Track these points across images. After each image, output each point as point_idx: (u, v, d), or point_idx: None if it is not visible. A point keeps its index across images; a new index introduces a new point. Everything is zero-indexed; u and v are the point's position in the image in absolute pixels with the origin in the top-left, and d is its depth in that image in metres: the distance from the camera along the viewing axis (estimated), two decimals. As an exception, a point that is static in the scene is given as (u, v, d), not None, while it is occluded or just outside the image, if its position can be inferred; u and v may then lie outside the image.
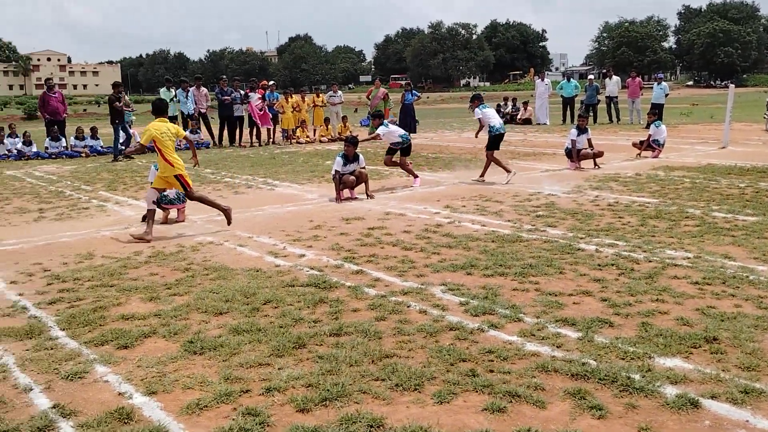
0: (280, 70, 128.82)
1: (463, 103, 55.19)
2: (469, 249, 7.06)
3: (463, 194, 10.66)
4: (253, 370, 4.19)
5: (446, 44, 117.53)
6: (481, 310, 5.11)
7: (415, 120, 23.21)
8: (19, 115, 44.95)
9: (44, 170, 15.52)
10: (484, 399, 3.73)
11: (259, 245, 7.56)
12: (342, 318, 5.07)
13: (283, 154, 17.71)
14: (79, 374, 4.18)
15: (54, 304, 5.61)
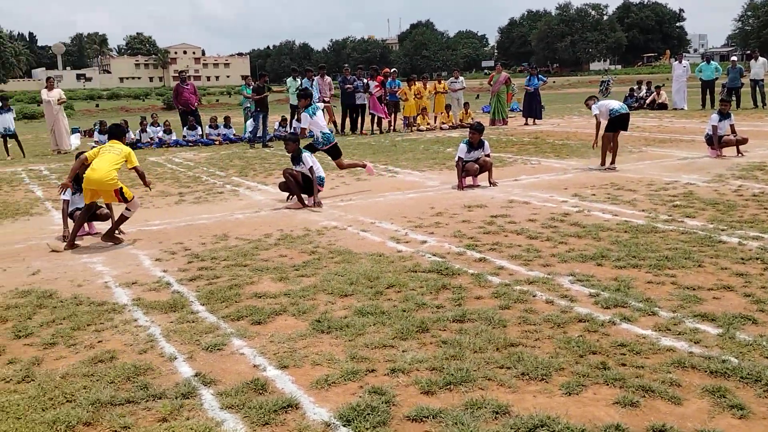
0: (401, 57, 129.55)
1: (592, 87, 53.24)
2: (600, 239, 6.82)
3: (593, 182, 10.30)
4: (378, 351, 4.27)
5: (575, 26, 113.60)
6: (613, 303, 4.93)
7: (541, 105, 22.65)
8: (159, 105, 47.97)
9: (183, 157, 16.50)
10: (615, 392, 3.60)
11: (381, 231, 7.68)
12: (465, 305, 5.06)
13: (403, 142, 17.84)
14: (218, 346, 4.43)
15: (194, 281, 5.97)
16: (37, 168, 15.09)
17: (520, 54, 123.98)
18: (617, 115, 11.38)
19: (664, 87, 27.84)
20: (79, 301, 5.51)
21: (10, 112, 17.91)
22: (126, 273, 6.33)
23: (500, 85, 21.56)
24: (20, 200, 10.76)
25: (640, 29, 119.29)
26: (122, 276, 6.23)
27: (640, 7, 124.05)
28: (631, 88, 28.29)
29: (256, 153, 16.70)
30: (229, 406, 3.61)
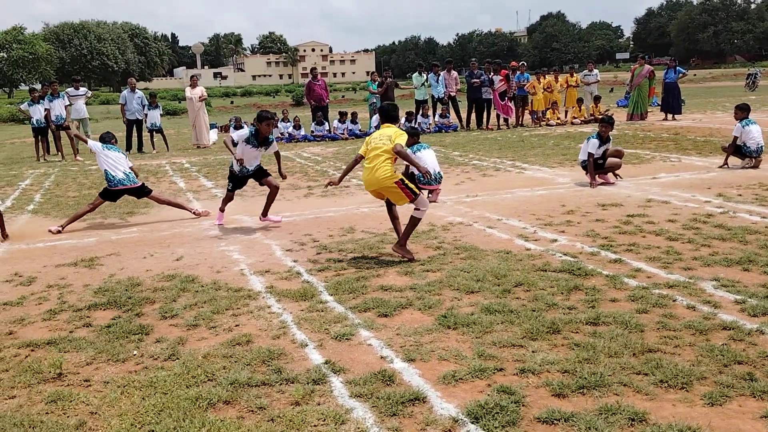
0: (530, 50, 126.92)
1: (737, 80, 49.77)
2: (747, 243, 6.35)
3: (739, 182, 9.61)
4: (506, 349, 4.20)
5: (718, 15, 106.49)
6: (761, 311, 4.58)
7: (681, 100, 21.40)
8: (289, 101, 49.74)
9: (310, 151, 17.02)
10: (763, 406, 3.35)
11: (508, 228, 7.55)
12: (599, 307, 4.87)
13: (532, 137, 17.46)
14: (346, 336, 4.53)
15: (323, 272, 6.14)
16: (179, 161, 16.08)
17: (657, 45, 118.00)
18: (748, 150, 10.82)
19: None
20: (218, 286, 5.82)
21: (158, 109, 19.21)
22: (260, 261, 6.61)
23: (642, 78, 20.52)
24: (165, 191, 11.50)
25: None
26: (256, 264, 6.51)
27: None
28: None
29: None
30: (357, 394, 3.68)
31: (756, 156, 10.77)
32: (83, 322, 5.11)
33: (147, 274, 6.35)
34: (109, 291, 5.84)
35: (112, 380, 4.04)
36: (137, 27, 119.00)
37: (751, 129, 10.78)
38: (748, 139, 10.77)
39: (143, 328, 4.87)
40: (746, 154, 10.83)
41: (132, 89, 18.53)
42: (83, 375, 4.15)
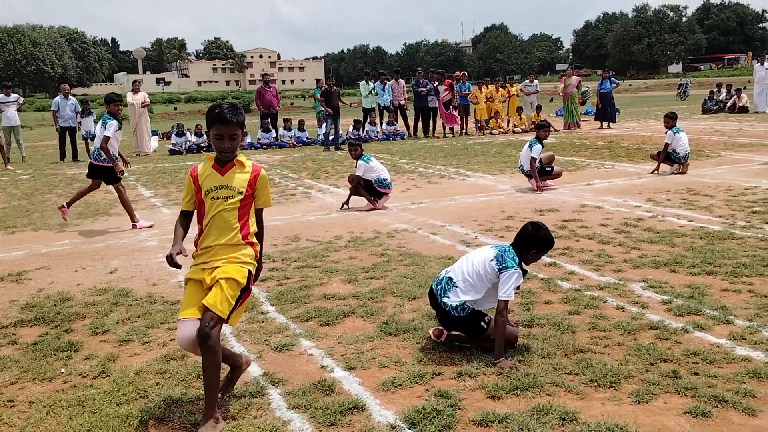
0: (475, 60, 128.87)
1: (670, 90, 51.59)
2: (674, 245, 6.62)
3: (668, 187, 10.00)
4: (445, 354, 4.28)
5: (652, 28, 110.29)
6: (686, 310, 4.79)
7: (615, 109, 22.11)
8: (235, 108, 49.19)
9: (257, 159, 16.89)
10: (686, 402, 3.51)
11: (451, 234, 7.67)
12: (534, 309, 5.01)
13: (475, 145, 17.75)
14: (286, 346, 4.53)
15: (265, 282, 6.11)
16: (120, 170, 15.72)
17: (595, 57, 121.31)
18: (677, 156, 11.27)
19: (746, 90, 26.75)
20: (154, 299, 5.73)
21: (91, 116, 18.70)
22: (201, 272, 6.53)
23: (573, 89, 21.23)
24: (100, 201, 11.26)
25: (721, 30, 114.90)
26: (197, 275, 6.43)
27: (721, 8, 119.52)
28: (710, 91, 27.27)
29: (329, 156, 16.95)
30: (296, 406, 3.69)
31: (684, 162, 11.22)
32: (8, 339, 4.94)
33: (78, 289, 6.20)
34: (37, 306, 5.68)
35: (37, 400, 3.92)
36: (75, 31, 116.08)
37: (680, 136, 11.24)
38: (677, 146, 11.21)
39: (72, 345, 4.74)
40: (675, 161, 11.26)
41: (65, 95, 18.09)
42: (7, 395, 4.01)
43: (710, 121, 21.70)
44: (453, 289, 4.26)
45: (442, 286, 4.37)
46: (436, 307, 4.43)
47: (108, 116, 8.71)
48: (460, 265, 4.35)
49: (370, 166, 9.46)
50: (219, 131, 3.60)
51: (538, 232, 4.24)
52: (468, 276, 4.25)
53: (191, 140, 19.89)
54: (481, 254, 4.32)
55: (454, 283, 4.28)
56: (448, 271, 4.43)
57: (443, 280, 4.39)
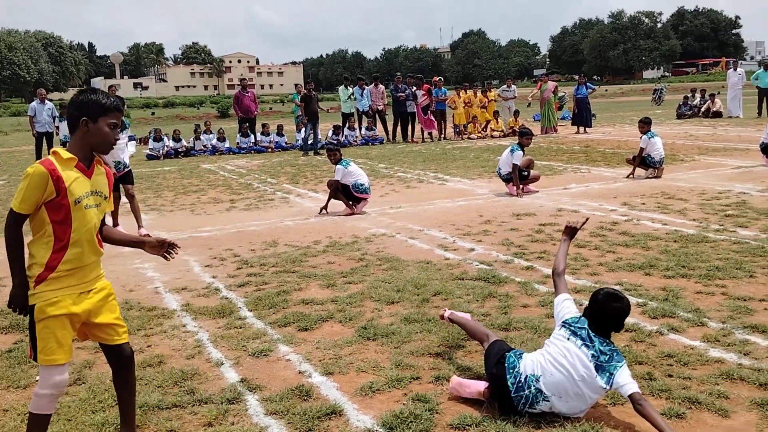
0: (453, 65, 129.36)
1: (645, 96, 52.23)
2: (649, 248, 6.71)
3: (643, 191, 10.12)
4: (423, 358, 4.30)
5: (627, 34, 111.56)
6: (661, 313, 4.85)
7: (592, 114, 22.36)
8: (213, 113, 48.94)
9: (235, 164, 16.83)
10: (661, 403, 3.55)
11: (429, 238, 7.70)
12: (511, 313, 5.04)
13: (454, 150, 17.83)
14: (264, 352, 4.52)
15: (243, 287, 6.10)
16: (96, 175, 15.57)
17: (571, 62, 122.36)
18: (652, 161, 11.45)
19: (719, 95, 27.18)
20: (130, 306, 5.68)
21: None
22: (176, 279, 6.50)
23: (549, 94, 21.44)
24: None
25: (695, 37, 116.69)
26: (172, 282, 6.40)
27: (695, 15, 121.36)
28: (685, 96, 27.65)
29: (308, 160, 16.93)
30: (273, 412, 3.68)
31: (659, 166, 11.37)
32: (-17, 346, 4.88)
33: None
34: (12, 314, 5.55)
35: (12, 408, 3.89)
36: (52, 36, 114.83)
37: (655, 141, 11.39)
38: (652, 151, 11.36)
39: (47, 352, 4.69)
40: (650, 165, 11.41)
41: (42, 100, 17.91)
42: (-18, 403, 3.95)
43: (685, 125, 22.01)
44: (543, 403, 3.44)
45: (525, 395, 3.46)
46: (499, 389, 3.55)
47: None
48: (553, 379, 3.42)
49: (349, 171, 9.47)
50: (116, 119, 3.09)
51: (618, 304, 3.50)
52: (570, 394, 3.41)
53: (169, 145, 19.76)
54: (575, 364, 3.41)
55: (545, 396, 3.43)
56: (535, 376, 3.46)
57: (528, 386, 3.46)
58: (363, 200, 9.56)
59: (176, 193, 12.16)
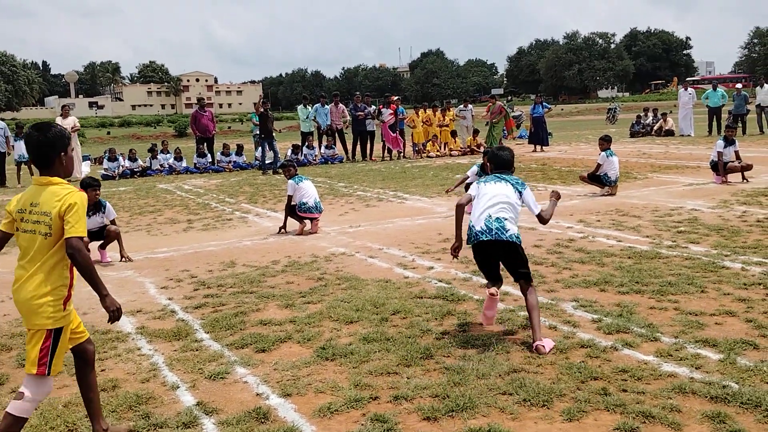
0: (412, 85, 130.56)
1: (600, 114, 53.43)
2: (604, 265, 6.83)
3: (599, 209, 10.32)
4: (382, 378, 4.28)
5: (582, 54, 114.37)
6: (615, 328, 4.93)
7: (548, 132, 22.78)
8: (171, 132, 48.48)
9: (192, 184, 16.65)
10: (615, 419, 3.60)
11: (389, 257, 7.71)
12: (470, 331, 5.07)
13: (413, 168, 17.94)
14: (221, 374, 4.45)
15: (199, 309, 6.01)
16: (49, 196, 15.23)
17: (528, 82, 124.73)
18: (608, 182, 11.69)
19: (671, 114, 27.97)
20: (85, 328, 5.54)
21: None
22: (131, 301, 6.37)
23: (495, 116, 21.83)
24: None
25: (648, 57, 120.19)
26: (127, 304, 6.25)
27: (647, 36, 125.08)
28: (638, 115, 28.39)
29: (266, 180, 16.83)
30: (230, 434, 3.62)
31: (614, 184, 11.62)
32: (-69, 373, 4.72)
33: (4, 319, 5.98)
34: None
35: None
36: (4, 54, 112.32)
37: (613, 160, 11.64)
38: (609, 170, 11.61)
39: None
40: (606, 183, 11.65)
41: (-6, 120, 17.49)
42: (-71, 431, 3.83)
43: (638, 144, 22.55)
44: (505, 223, 4.92)
45: (496, 228, 4.90)
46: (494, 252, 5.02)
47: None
48: (497, 205, 4.99)
49: (299, 187, 9.44)
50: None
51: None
52: (511, 211, 4.98)
53: (124, 165, 19.47)
54: (499, 191, 5.04)
55: (504, 219, 4.93)
56: (490, 215, 4.96)
57: (493, 223, 4.92)
58: (314, 219, 9.50)
59: (132, 214, 11.96)
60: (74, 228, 3.25)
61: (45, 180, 3.37)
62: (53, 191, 3.34)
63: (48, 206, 3.30)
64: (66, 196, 3.30)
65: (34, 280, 3.31)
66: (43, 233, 3.30)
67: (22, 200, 3.42)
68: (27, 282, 3.31)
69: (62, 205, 3.28)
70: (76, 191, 3.36)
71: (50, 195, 3.33)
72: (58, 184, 3.37)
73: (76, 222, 3.26)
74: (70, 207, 3.27)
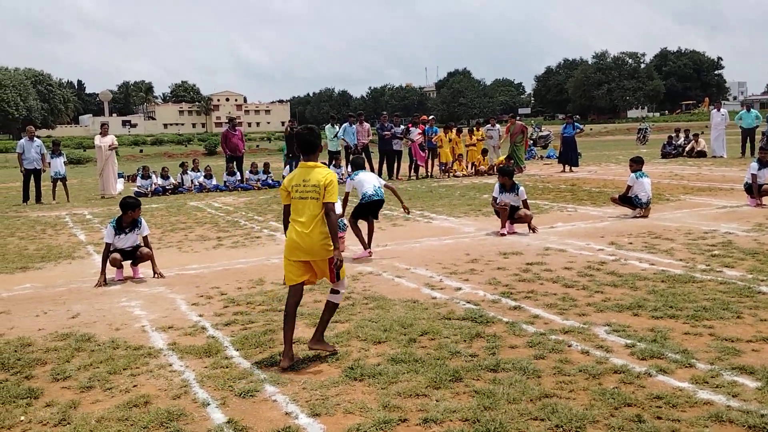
0: (438, 104, 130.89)
1: (629, 135, 52.95)
2: (636, 288, 6.73)
3: (630, 231, 10.18)
4: (410, 400, 4.25)
5: (612, 74, 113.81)
6: (649, 354, 4.84)
7: (578, 153, 22.62)
8: (201, 150, 49.08)
9: (222, 201, 16.81)
10: (651, 447, 3.53)
11: (416, 277, 7.69)
12: (499, 354, 5.02)
13: (440, 188, 17.92)
14: (251, 392, 4.46)
15: (229, 326, 6.04)
16: (81, 212, 15.51)
17: (556, 101, 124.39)
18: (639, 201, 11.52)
19: (703, 135, 27.61)
20: (116, 345, 5.61)
21: (62, 157, 18.69)
22: (163, 317, 6.43)
23: (516, 135, 21.76)
24: (63, 244, 11.04)
25: (678, 77, 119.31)
26: (159, 320, 6.33)
27: (678, 55, 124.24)
28: (669, 135, 28.06)
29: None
30: (260, 452, 3.62)
31: (646, 206, 11.48)
32: (-33, 386, 4.80)
33: (39, 334, 6.05)
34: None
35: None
36: (41, 73, 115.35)
37: (643, 181, 11.50)
38: (640, 191, 11.47)
39: (32, 392, 4.62)
40: (637, 205, 11.51)
41: (30, 137, 17.89)
42: (-35, 443, 3.89)
43: (670, 165, 22.28)
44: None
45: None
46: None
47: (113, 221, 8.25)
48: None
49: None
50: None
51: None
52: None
53: (157, 183, 19.74)
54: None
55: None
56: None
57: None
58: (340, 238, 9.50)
59: (164, 231, 12.11)
60: (330, 197, 4.93)
61: (311, 164, 5.07)
62: (318, 171, 5.02)
63: (315, 180, 4.96)
64: (327, 175, 5.00)
65: (314, 230, 4.94)
66: (314, 198, 4.94)
67: (294, 179, 5.08)
68: (311, 232, 4.94)
69: (325, 181, 4.95)
70: (332, 173, 5.07)
71: (316, 173, 5.00)
72: (320, 167, 5.07)
73: (332, 193, 4.94)
74: (330, 182, 4.96)
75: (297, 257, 5.02)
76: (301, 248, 4.98)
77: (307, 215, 4.94)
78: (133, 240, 8.26)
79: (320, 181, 4.94)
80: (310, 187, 4.96)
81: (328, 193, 4.92)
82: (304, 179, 5.00)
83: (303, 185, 4.99)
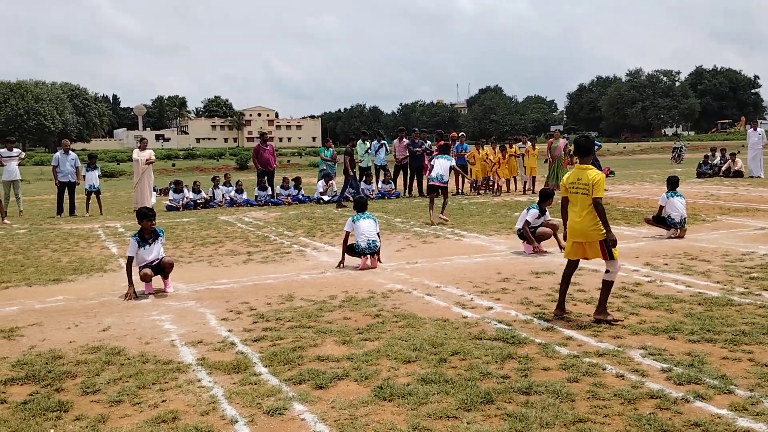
0: (470, 121, 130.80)
1: (663, 153, 52.25)
2: (673, 311, 6.57)
3: (665, 251, 9.98)
4: (441, 421, 4.18)
5: (646, 92, 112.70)
6: (686, 379, 4.71)
7: (610, 171, 22.30)
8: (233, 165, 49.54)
9: (252, 216, 16.91)
10: (690, 478, 3.40)
11: (446, 295, 7.62)
12: (531, 376, 4.92)
13: (471, 205, 17.81)
14: (279, 410, 4.43)
15: (258, 342, 6.03)
16: (114, 225, 15.71)
17: (589, 119, 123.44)
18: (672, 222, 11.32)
19: (740, 154, 27.11)
20: (146, 359, 5.62)
21: (97, 170, 18.99)
22: (192, 332, 6.45)
23: (560, 152, 21.43)
24: (95, 256, 11.18)
25: (714, 95, 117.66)
26: (188, 335, 6.35)
27: (714, 74, 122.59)
28: (705, 155, 27.61)
29: (324, 213, 16.97)
30: (288, 472, 3.58)
31: (680, 227, 11.25)
32: (-2, 398, 4.84)
33: (70, 346, 6.10)
34: (28, 364, 5.57)
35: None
36: (77, 87, 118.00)
37: (674, 201, 11.29)
38: (672, 211, 11.26)
39: (62, 405, 4.64)
40: (671, 225, 11.29)
41: (65, 151, 18.22)
42: (-4, 455, 3.92)
43: (705, 185, 21.90)
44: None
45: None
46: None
47: (136, 235, 8.45)
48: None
49: (355, 225, 9.55)
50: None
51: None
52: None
53: (189, 197, 19.95)
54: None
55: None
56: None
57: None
58: (364, 256, 9.51)
59: (194, 245, 12.20)
60: (597, 193, 6.16)
61: (585, 167, 6.34)
62: (589, 172, 6.26)
63: (587, 180, 6.23)
64: (595, 176, 6.23)
65: (586, 218, 6.24)
66: (585, 193, 6.22)
67: (570, 178, 6.45)
68: (583, 220, 6.26)
69: (593, 181, 6.19)
70: (600, 174, 6.29)
71: (587, 174, 6.25)
72: (591, 169, 6.29)
73: (598, 190, 6.16)
74: (597, 181, 6.19)
75: (575, 238, 6.40)
76: (576, 232, 6.36)
77: (579, 206, 6.30)
78: (158, 251, 8.36)
79: (590, 181, 6.22)
80: (581, 185, 6.28)
81: (595, 189, 6.17)
82: (578, 178, 6.34)
83: (577, 182, 6.34)
